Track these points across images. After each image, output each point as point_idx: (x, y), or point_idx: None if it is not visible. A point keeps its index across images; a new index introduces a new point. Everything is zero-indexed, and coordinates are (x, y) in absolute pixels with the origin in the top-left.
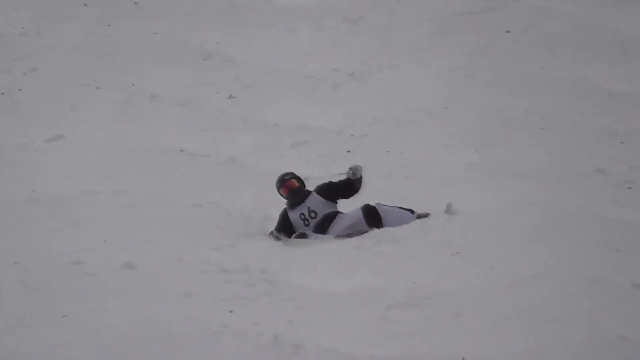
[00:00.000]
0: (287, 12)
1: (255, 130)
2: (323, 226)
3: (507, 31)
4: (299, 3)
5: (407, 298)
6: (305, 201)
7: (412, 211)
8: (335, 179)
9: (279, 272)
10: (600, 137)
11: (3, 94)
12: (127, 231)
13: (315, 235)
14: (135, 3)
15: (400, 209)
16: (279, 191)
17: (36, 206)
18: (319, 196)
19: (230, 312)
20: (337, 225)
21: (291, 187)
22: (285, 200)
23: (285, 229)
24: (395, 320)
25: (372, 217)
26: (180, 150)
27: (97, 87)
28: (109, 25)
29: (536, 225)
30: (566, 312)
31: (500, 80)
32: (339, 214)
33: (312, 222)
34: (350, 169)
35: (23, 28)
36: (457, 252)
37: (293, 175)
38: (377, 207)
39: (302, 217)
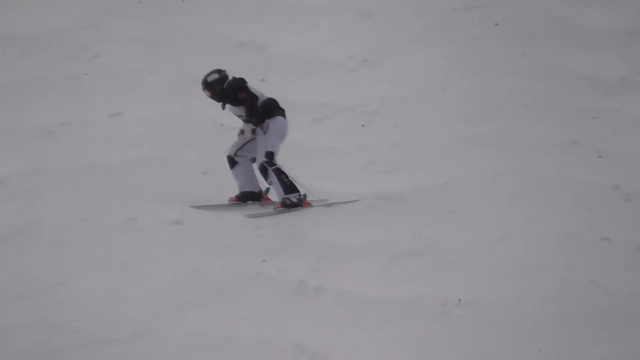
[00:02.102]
0: (309, 8)
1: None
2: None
3: (496, 24)
4: (320, 1)
5: (410, 249)
6: (234, 108)
7: (291, 190)
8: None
9: (303, 227)
10: (573, 113)
11: (72, 77)
12: (174, 193)
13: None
14: (182, 0)
15: (280, 186)
16: (204, 89)
17: (98, 172)
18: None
19: (263, 261)
20: (258, 149)
21: (207, 96)
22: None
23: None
24: (399, 268)
25: (262, 171)
26: (221, 125)
27: (150, 72)
28: (159, 19)
29: (519, 189)
30: (543, 261)
31: (489, 65)
32: (260, 136)
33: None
34: (243, 130)
35: (87, 22)
36: (454, 211)
37: (206, 86)
38: (267, 169)
39: (236, 115)
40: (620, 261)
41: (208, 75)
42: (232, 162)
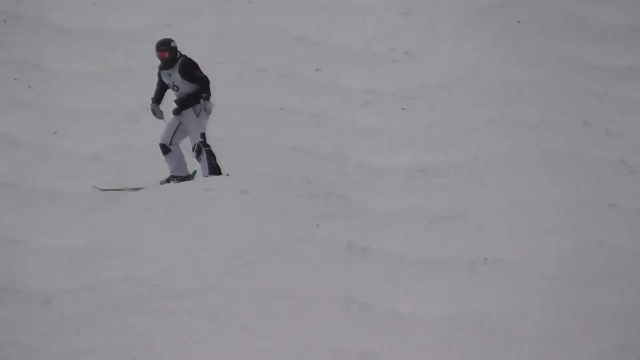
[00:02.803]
0: (358, 8)
1: (335, 93)
2: (183, 103)
3: (519, 21)
4: (367, 1)
5: (444, 215)
6: (171, 75)
7: (216, 172)
8: (196, 78)
9: (352, 196)
10: (585, 98)
11: (153, 67)
12: (242, 167)
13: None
14: (249, 2)
15: (207, 166)
16: (157, 52)
17: (133, 157)
18: (181, 74)
19: (317, 225)
20: (188, 127)
21: (165, 55)
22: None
23: (160, 94)
24: (434, 231)
25: (198, 151)
26: (281, 109)
27: (220, 63)
28: (228, 18)
29: (538, 163)
30: (559, 225)
31: (513, 57)
32: (186, 113)
33: (176, 94)
34: (206, 106)
35: (167, 21)
36: (482, 182)
37: (168, 47)
38: (202, 149)
39: (171, 85)
40: (625, 225)
41: (170, 40)
42: (166, 149)
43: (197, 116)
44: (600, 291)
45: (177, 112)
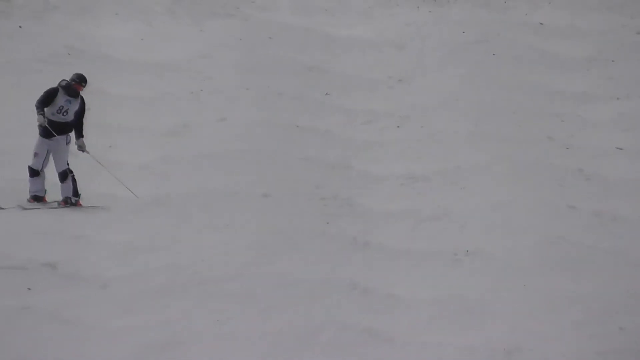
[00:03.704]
0: (360, 42)
1: (341, 113)
2: (62, 131)
3: (494, 54)
4: (367, 37)
5: (431, 214)
6: (71, 103)
7: (76, 195)
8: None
9: (355, 199)
10: (549, 117)
11: (192, 92)
12: (264, 174)
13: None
14: (270, 38)
15: (72, 189)
16: (74, 82)
17: (209, 160)
18: (76, 110)
19: (327, 223)
20: (56, 153)
21: (80, 89)
22: (64, 84)
23: (46, 102)
24: (423, 228)
25: (64, 176)
26: (296, 126)
27: (246, 88)
28: (253, 50)
29: (509, 171)
30: (526, 223)
31: (489, 83)
32: (59, 140)
33: (60, 117)
34: (79, 147)
35: (202, 53)
36: (463, 187)
37: (85, 84)
38: (67, 177)
39: (62, 108)
40: (582, 223)
41: (86, 79)
42: (36, 173)
43: (67, 144)
44: (561, 278)
45: (49, 136)
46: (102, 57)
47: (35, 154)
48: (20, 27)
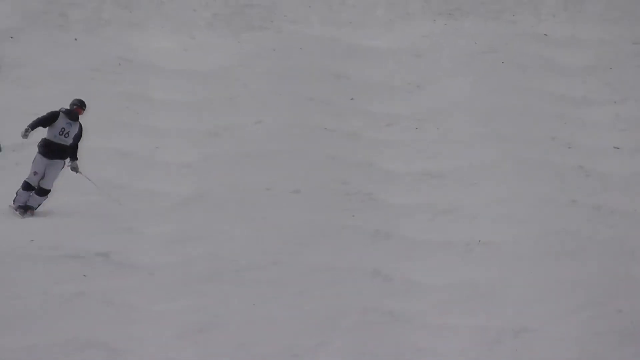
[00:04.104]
0: (382, 52)
1: (365, 116)
2: (63, 154)
3: (502, 62)
4: (389, 47)
5: (445, 208)
6: (72, 126)
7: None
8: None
9: (377, 194)
10: (552, 119)
11: (230, 98)
12: (295, 171)
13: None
14: (301, 48)
15: (42, 201)
16: (75, 105)
17: (246, 158)
18: (75, 133)
19: (352, 216)
20: (50, 172)
21: (80, 113)
22: (64, 110)
23: (46, 123)
24: (438, 220)
25: (44, 193)
26: (324, 128)
27: (279, 94)
28: (285, 60)
29: (515, 168)
30: (531, 216)
31: (497, 88)
32: (57, 162)
33: (61, 139)
34: (73, 168)
35: (239, 63)
36: (474, 183)
37: (85, 109)
38: (47, 194)
39: (63, 130)
40: (582, 216)
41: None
42: (31, 189)
43: (61, 168)
44: (563, 265)
45: (51, 157)
46: (149, 66)
47: (35, 173)
48: (75, 39)
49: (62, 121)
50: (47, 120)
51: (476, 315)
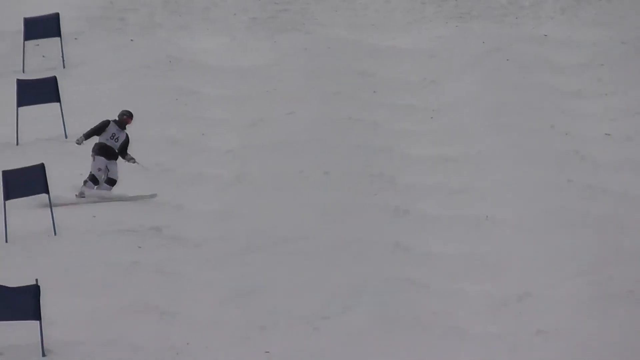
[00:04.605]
0: (400, 51)
1: (386, 108)
2: (109, 153)
3: (507, 60)
4: (406, 47)
5: (459, 189)
6: (120, 133)
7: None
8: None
9: (398, 176)
10: (551, 110)
11: (267, 91)
12: (325, 156)
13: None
14: (328, 48)
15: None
16: (125, 116)
17: (282, 147)
18: (123, 140)
19: (375, 195)
20: (111, 167)
21: (129, 122)
22: (115, 119)
23: (99, 132)
24: (454, 198)
25: (112, 182)
26: (349, 118)
27: (312, 88)
28: (316, 59)
29: (520, 153)
30: (533, 194)
31: (503, 84)
32: (113, 160)
33: (112, 142)
34: (128, 160)
35: (275, 61)
36: (485, 166)
37: (132, 119)
38: (114, 184)
39: (114, 135)
40: (578, 194)
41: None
42: (97, 183)
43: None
44: (561, 238)
45: (108, 158)
46: (196, 64)
47: (99, 169)
48: (131, 40)
49: (112, 128)
50: (100, 129)
51: (485, 282)
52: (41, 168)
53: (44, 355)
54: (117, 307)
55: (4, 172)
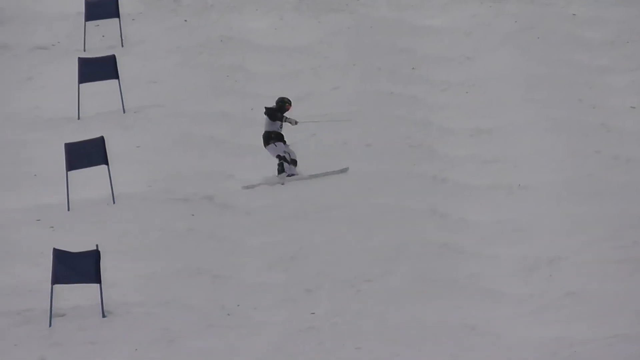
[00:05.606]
0: (438, 30)
1: (424, 83)
2: (282, 138)
3: (538, 37)
4: (444, 25)
5: (492, 158)
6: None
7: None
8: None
9: (435, 147)
10: (580, 84)
11: (312, 68)
12: (368, 129)
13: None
14: (371, 27)
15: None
16: (287, 103)
17: (315, 124)
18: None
19: (414, 165)
20: (288, 149)
21: (288, 108)
22: (277, 106)
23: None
24: (486, 168)
25: (295, 162)
26: (391, 92)
27: (353, 64)
28: (359, 36)
29: (549, 126)
30: (562, 164)
31: (534, 60)
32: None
33: (279, 129)
34: (294, 122)
35: (320, 40)
36: (516, 138)
37: (290, 105)
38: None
39: (280, 125)
40: (605, 164)
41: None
42: (287, 161)
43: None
44: (589, 205)
45: (285, 142)
46: (246, 43)
47: (285, 152)
48: (185, 20)
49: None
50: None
51: (517, 246)
52: (101, 141)
53: (103, 316)
54: (172, 271)
55: (67, 145)
